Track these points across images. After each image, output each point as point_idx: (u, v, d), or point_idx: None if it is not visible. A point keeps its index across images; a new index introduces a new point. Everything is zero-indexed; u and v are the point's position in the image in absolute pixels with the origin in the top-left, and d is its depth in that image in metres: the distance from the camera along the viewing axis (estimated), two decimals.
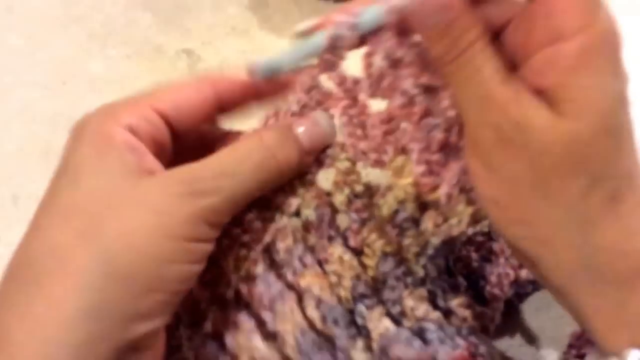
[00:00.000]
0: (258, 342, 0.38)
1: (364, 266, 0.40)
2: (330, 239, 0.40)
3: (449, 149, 0.37)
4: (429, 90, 0.36)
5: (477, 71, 0.30)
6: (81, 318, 0.30)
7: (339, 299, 0.39)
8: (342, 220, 0.40)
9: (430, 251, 0.41)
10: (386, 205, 0.40)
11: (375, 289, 0.40)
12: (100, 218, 0.32)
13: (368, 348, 0.39)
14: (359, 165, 0.39)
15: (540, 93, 0.29)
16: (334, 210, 0.40)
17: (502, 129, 0.29)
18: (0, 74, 0.62)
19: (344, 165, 0.39)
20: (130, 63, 0.62)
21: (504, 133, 0.29)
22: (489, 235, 0.47)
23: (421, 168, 0.38)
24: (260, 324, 0.38)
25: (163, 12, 0.65)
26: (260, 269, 0.39)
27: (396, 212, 0.40)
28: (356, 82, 0.37)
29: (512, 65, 0.31)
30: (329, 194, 0.40)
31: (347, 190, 0.39)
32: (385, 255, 0.40)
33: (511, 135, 0.29)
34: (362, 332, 0.39)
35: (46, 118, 0.60)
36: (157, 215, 0.32)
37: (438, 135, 0.37)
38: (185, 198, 0.33)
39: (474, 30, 0.30)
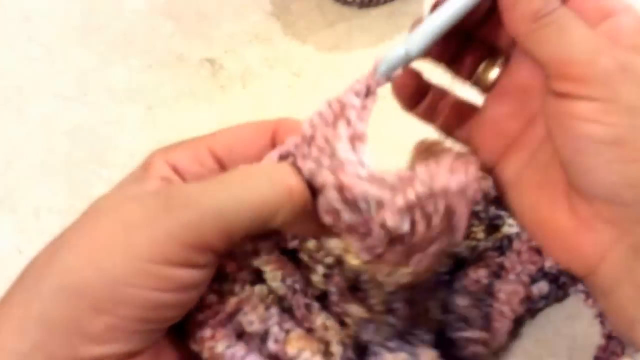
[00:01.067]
0: None
1: (346, 334, 0.38)
2: (308, 306, 0.37)
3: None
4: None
5: (574, 18, 0.31)
6: (28, 326, 0.29)
7: None
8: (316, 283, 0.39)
9: (394, 305, 0.40)
10: (350, 271, 0.39)
11: (360, 355, 0.38)
12: (75, 229, 0.31)
13: None
14: (325, 240, 0.38)
15: None
16: (306, 279, 0.38)
17: (618, 57, 0.30)
18: (19, 85, 0.61)
19: (311, 243, 0.38)
20: (151, 72, 0.61)
21: (620, 60, 0.30)
22: (501, 250, 0.47)
23: (366, 256, 0.35)
24: None
25: (185, 20, 0.64)
26: (222, 346, 0.34)
27: (358, 274, 0.39)
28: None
29: None
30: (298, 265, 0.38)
31: (321, 269, 0.38)
32: (365, 322, 0.38)
33: (628, 60, 0.30)
34: None
35: (67, 130, 0.59)
36: (124, 231, 0.29)
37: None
38: (157, 212, 0.30)
39: None
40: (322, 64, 0.61)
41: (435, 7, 0.34)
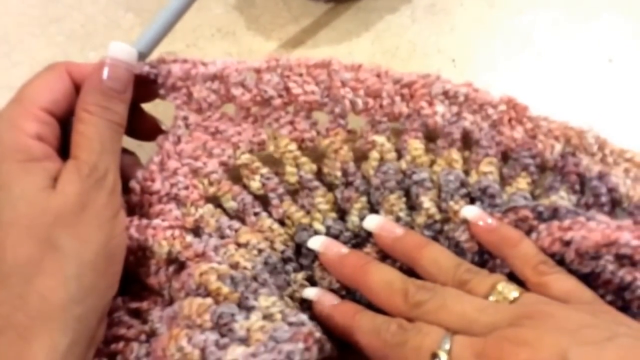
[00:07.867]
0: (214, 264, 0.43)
1: (288, 235, 0.47)
2: (256, 214, 0.46)
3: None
4: None
5: None
6: None
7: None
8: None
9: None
10: (289, 174, 0.47)
11: (297, 255, 0.47)
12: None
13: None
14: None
15: None
16: (252, 193, 0.47)
17: None
18: None
19: (243, 160, 0.47)
20: None
21: None
22: (539, 217, 0.44)
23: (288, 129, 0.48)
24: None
25: (145, 12, 0.62)
26: (189, 237, 0.44)
27: (300, 176, 0.47)
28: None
29: None
30: (243, 185, 0.47)
31: (257, 177, 0.47)
32: (301, 227, 0.46)
33: None
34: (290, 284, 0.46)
35: None
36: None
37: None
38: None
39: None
40: None
41: None
